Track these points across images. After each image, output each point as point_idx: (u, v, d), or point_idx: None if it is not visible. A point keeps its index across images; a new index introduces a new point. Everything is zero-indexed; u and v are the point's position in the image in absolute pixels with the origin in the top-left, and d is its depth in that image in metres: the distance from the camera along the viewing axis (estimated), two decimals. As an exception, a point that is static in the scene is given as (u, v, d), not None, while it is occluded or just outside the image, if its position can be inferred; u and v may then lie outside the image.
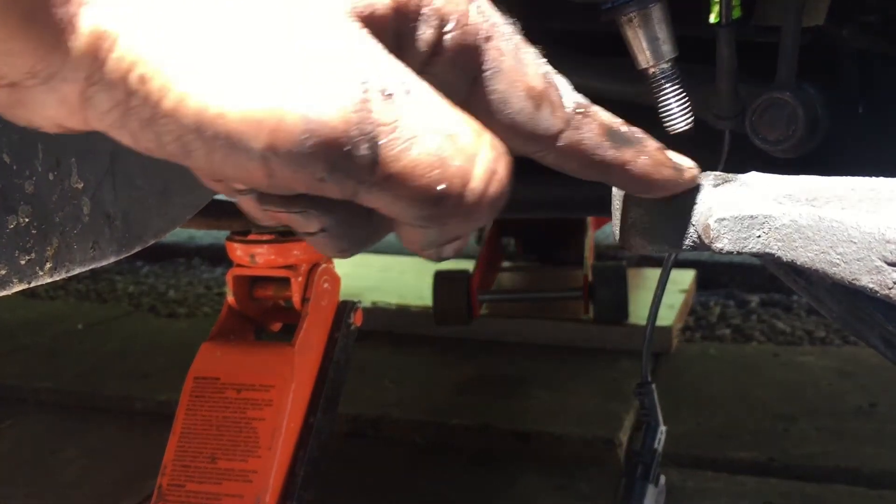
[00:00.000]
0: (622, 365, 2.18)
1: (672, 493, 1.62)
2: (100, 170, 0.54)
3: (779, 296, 2.78)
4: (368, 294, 2.62)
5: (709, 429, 1.87)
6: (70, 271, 0.52)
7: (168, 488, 1.19)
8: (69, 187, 0.51)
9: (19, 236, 0.47)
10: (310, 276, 1.29)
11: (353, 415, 1.91)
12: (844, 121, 0.73)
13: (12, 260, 0.47)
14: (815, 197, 0.42)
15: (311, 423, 1.22)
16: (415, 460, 1.82)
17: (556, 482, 1.70)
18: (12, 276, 0.47)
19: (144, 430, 1.94)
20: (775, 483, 1.66)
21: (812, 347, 2.40)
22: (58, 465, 1.84)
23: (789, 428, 1.86)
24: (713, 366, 2.25)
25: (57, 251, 0.50)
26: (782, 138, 0.69)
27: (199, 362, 1.26)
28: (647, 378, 0.99)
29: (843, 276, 0.39)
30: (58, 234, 0.50)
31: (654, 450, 0.98)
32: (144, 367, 2.29)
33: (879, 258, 0.38)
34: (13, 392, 2.20)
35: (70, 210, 0.51)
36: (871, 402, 1.97)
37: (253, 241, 1.28)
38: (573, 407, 1.96)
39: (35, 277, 0.49)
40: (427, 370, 2.23)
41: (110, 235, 0.55)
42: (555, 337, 2.37)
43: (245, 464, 1.16)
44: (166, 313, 2.91)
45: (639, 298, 2.37)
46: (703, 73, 0.73)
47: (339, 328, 1.30)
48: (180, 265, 3.57)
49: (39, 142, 0.48)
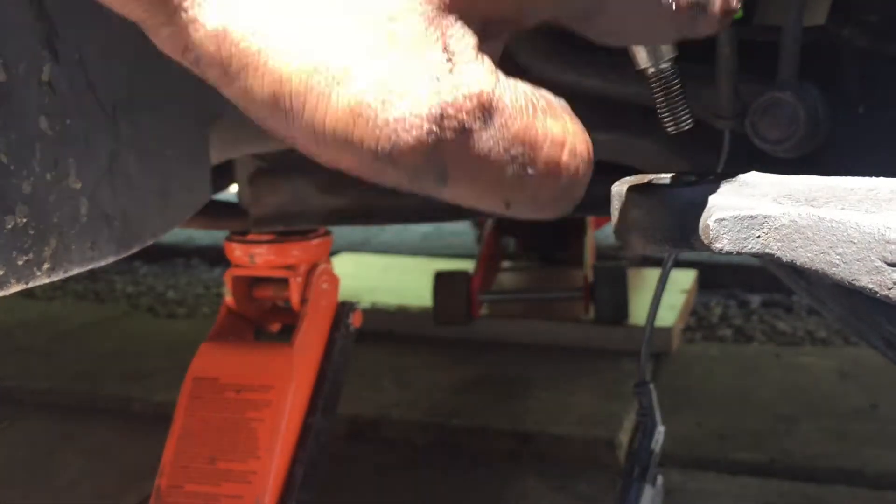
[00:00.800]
0: (623, 365, 2.18)
1: (673, 494, 1.61)
2: (98, 170, 0.54)
3: (780, 296, 2.78)
4: (368, 294, 2.62)
5: (710, 429, 1.87)
6: (68, 272, 0.52)
7: (167, 489, 1.19)
8: (67, 187, 0.51)
9: (17, 236, 0.47)
10: (309, 277, 1.29)
11: (352, 415, 1.91)
12: (845, 121, 0.73)
13: (10, 260, 0.47)
14: (814, 197, 0.42)
15: (310, 424, 1.22)
16: (414, 461, 1.82)
17: (556, 483, 1.70)
18: (10, 277, 0.47)
19: (143, 431, 1.94)
20: (776, 484, 1.66)
21: (813, 348, 2.40)
22: (56, 467, 1.83)
23: (790, 429, 1.86)
24: (714, 366, 2.25)
25: (55, 251, 0.50)
26: (783, 138, 0.69)
27: (197, 363, 1.25)
28: (645, 378, 0.98)
29: (842, 277, 0.39)
30: (56, 234, 0.50)
31: (651, 450, 0.98)
32: (143, 368, 2.29)
33: (879, 258, 0.37)
34: (11, 393, 2.20)
35: (68, 210, 0.51)
36: (872, 402, 1.96)
37: (252, 242, 1.28)
38: (573, 408, 1.96)
39: (33, 278, 0.49)
40: (427, 371, 2.22)
41: (109, 235, 0.55)
42: (555, 337, 2.37)
43: (244, 465, 1.16)
44: (165, 314, 2.91)
45: (639, 299, 2.36)
46: (703, 73, 0.73)
47: (339, 329, 1.30)
48: (179, 265, 3.57)
49: (37, 142, 0.48)
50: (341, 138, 0.29)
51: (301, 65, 0.28)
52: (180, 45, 0.29)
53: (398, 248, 3.52)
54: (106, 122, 0.54)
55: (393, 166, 0.29)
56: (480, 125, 0.29)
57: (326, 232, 1.35)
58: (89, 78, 0.52)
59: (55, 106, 0.49)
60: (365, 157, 0.29)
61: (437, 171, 0.30)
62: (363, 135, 0.28)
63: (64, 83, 0.49)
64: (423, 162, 0.29)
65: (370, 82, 0.28)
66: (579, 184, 0.34)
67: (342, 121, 0.28)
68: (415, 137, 0.28)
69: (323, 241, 1.33)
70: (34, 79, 0.47)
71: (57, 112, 0.49)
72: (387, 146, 0.28)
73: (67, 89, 0.50)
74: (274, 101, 0.29)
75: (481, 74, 0.30)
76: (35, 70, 0.47)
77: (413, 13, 0.29)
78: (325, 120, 0.28)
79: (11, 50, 0.45)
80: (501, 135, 0.30)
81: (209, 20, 0.28)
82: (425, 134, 0.28)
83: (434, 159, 0.29)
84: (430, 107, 0.28)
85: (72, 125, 0.50)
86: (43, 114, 0.48)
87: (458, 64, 0.29)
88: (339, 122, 0.28)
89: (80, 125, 0.51)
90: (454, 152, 0.29)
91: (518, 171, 0.31)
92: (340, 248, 3.14)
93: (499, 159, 0.30)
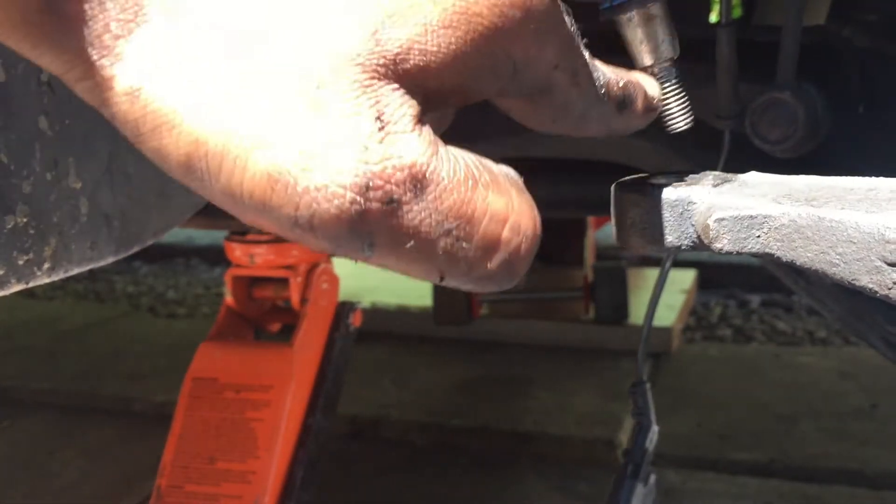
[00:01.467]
0: (622, 365, 2.18)
1: (672, 494, 1.61)
2: (98, 170, 0.54)
3: (780, 296, 2.78)
4: (368, 294, 2.62)
5: (709, 429, 1.87)
6: (68, 271, 0.52)
7: (167, 489, 1.19)
8: (67, 187, 0.51)
9: (17, 236, 0.47)
10: (309, 277, 1.28)
11: (352, 415, 1.91)
12: (844, 121, 0.73)
13: (10, 260, 0.47)
14: (814, 197, 0.42)
15: (309, 424, 1.22)
16: (414, 461, 1.82)
17: (556, 483, 1.70)
18: (10, 277, 0.47)
19: (143, 431, 1.94)
20: (776, 484, 1.66)
21: (813, 348, 2.40)
22: (56, 466, 1.83)
23: (790, 429, 1.86)
24: (714, 366, 2.25)
25: (55, 251, 0.50)
26: (782, 138, 0.69)
27: (197, 363, 1.25)
28: (643, 378, 0.98)
29: (842, 277, 0.39)
30: (56, 234, 0.50)
31: (645, 449, 0.97)
32: (143, 368, 2.29)
33: (879, 258, 0.37)
34: (11, 393, 2.20)
35: (68, 210, 0.51)
36: (872, 402, 1.96)
37: (252, 242, 1.28)
38: (573, 408, 1.96)
39: (33, 278, 0.49)
40: (427, 371, 2.22)
41: (108, 235, 0.55)
42: (555, 337, 2.37)
43: (244, 465, 1.16)
44: (165, 313, 2.91)
45: (639, 298, 2.36)
46: (703, 73, 0.73)
47: (339, 329, 1.30)
48: (179, 265, 3.57)
49: (37, 141, 0.48)
50: (259, 204, 0.28)
51: (218, 127, 0.27)
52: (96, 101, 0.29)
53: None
54: (105, 122, 0.54)
55: (313, 234, 0.28)
56: (410, 197, 0.28)
57: (326, 232, 1.34)
58: (89, 78, 0.52)
59: (55, 106, 0.49)
60: (284, 223, 0.28)
61: (362, 240, 0.29)
62: (281, 202, 0.28)
63: (63, 83, 0.49)
64: (346, 232, 0.28)
65: (291, 149, 0.27)
66: (521, 260, 0.33)
67: (259, 186, 0.27)
68: (336, 207, 0.27)
69: (323, 241, 1.32)
70: (33, 79, 0.47)
71: (56, 112, 0.49)
72: (306, 214, 0.28)
73: (67, 89, 0.50)
74: (189, 163, 0.28)
75: (416, 145, 0.29)
76: (34, 70, 0.47)
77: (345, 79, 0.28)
78: (241, 184, 0.28)
79: (11, 50, 0.45)
80: (434, 207, 0.29)
81: (123, 79, 0.28)
82: (348, 203, 0.27)
83: (358, 230, 0.28)
84: (356, 176, 0.27)
85: (71, 125, 0.50)
86: (42, 114, 0.48)
87: (390, 134, 0.28)
88: (257, 187, 0.27)
89: (79, 125, 0.51)
90: (380, 223, 0.28)
91: (452, 245, 0.30)
92: (340, 248, 3.13)
93: (429, 233, 0.29)
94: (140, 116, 0.28)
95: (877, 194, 0.41)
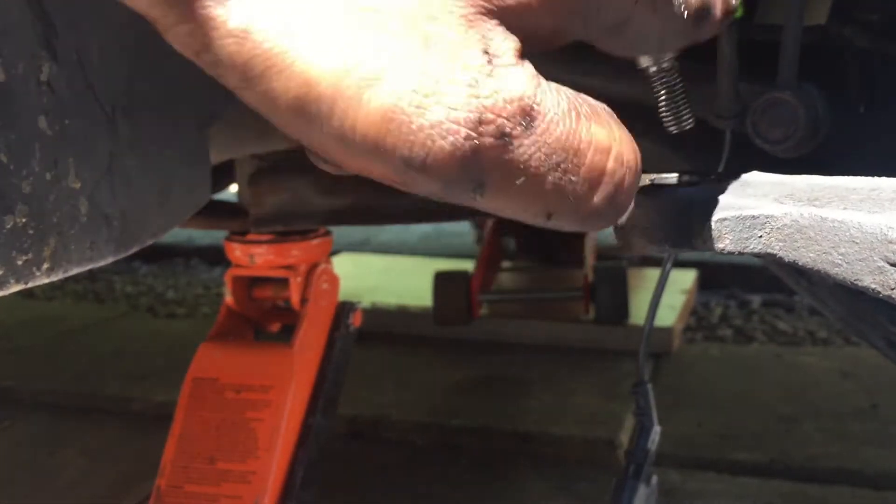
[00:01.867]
0: (623, 365, 2.18)
1: (673, 495, 1.61)
2: (98, 170, 0.54)
3: (780, 296, 2.78)
4: (368, 295, 2.61)
5: (710, 430, 1.87)
6: (67, 272, 0.51)
7: (167, 489, 1.18)
8: (67, 187, 0.51)
9: (16, 236, 0.47)
10: (309, 277, 1.28)
11: (352, 416, 1.91)
12: (846, 121, 0.73)
13: (9, 260, 0.46)
14: (816, 197, 0.42)
15: (309, 424, 1.22)
16: (414, 462, 1.81)
17: (556, 483, 1.70)
18: (9, 277, 0.47)
19: (143, 431, 1.94)
20: (777, 484, 1.66)
21: (814, 348, 2.40)
22: (56, 467, 1.83)
23: (791, 429, 1.86)
24: (715, 366, 2.25)
25: (54, 251, 0.50)
26: (783, 138, 0.69)
27: (197, 363, 1.25)
28: (644, 378, 0.98)
29: (845, 277, 0.39)
30: (55, 234, 0.50)
31: (647, 450, 0.97)
32: (143, 368, 2.29)
33: (882, 259, 0.37)
34: (11, 393, 2.20)
35: (67, 210, 0.51)
36: (873, 403, 1.96)
37: (252, 242, 1.28)
38: (574, 408, 1.96)
39: (32, 278, 0.48)
40: (427, 371, 2.22)
41: (108, 235, 0.55)
42: (555, 337, 2.37)
43: (244, 465, 1.16)
44: (165, 314, 2.91)
45: (640, 299, 2.36)
46: (703, 73, 0.73)
47: (339, 329, 1.30)
48: (179, 265, 3.56)
49: (36, 141, 0.48)
50: (372, 145, 0.27)
51: (331, 67, 0.26)
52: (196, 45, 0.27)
53: (398, 248, 3.52)
54: (105, 122, 0.54)
55: (426, 175, 0.27)
56: (521, 130, 0.28)
57: (326, 232, 1.34)
58: (88, 78, 0.52)
59: (54, 106, 0.49)
60: (397, 165, 0.27)
61: (473, 180, 0.28)
62: (396, 142, 0.27)
63: (63, 83, 0.49)
64: (458, 170, 0.27)
65: (404, 86, 0.26)
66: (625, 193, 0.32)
67: (373, 126, 0.27)
68: (451, 143, 0.27)
69: (323, 241, 1.33)
70: (33, 78, 0.47)
71: (56, 112, 0.49)
72: (420, 154, 0.27)
73: (66, 89, 0.50)
74: (299, 106, 0.27)
75: (522, 78, 0.28)
76: (34, 70, 0.47)
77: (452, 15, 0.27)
78: (354, 126, 0.27)
79: (10, 50, 0.45)
80: (543, 141, 0.28)
81: (231, 18, 0.26)
82: (463, 139, 0.27)
83: (471, 168, 0.27)
84: (469, 111, 0.27)
85: (71, 125, 0.50)
86: (42, 114, 0.48)
87: (497, 67, 0.28)
88: (371, 127, 0.27)
89: (79, 125, 0.51)
90: (492, 160, 0.28)
91: (560, 179, 0.29)
92: (340, 248, 3.14)
93: (539, 167, 0.29)
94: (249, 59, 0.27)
95: (879, 194, 0.41)
